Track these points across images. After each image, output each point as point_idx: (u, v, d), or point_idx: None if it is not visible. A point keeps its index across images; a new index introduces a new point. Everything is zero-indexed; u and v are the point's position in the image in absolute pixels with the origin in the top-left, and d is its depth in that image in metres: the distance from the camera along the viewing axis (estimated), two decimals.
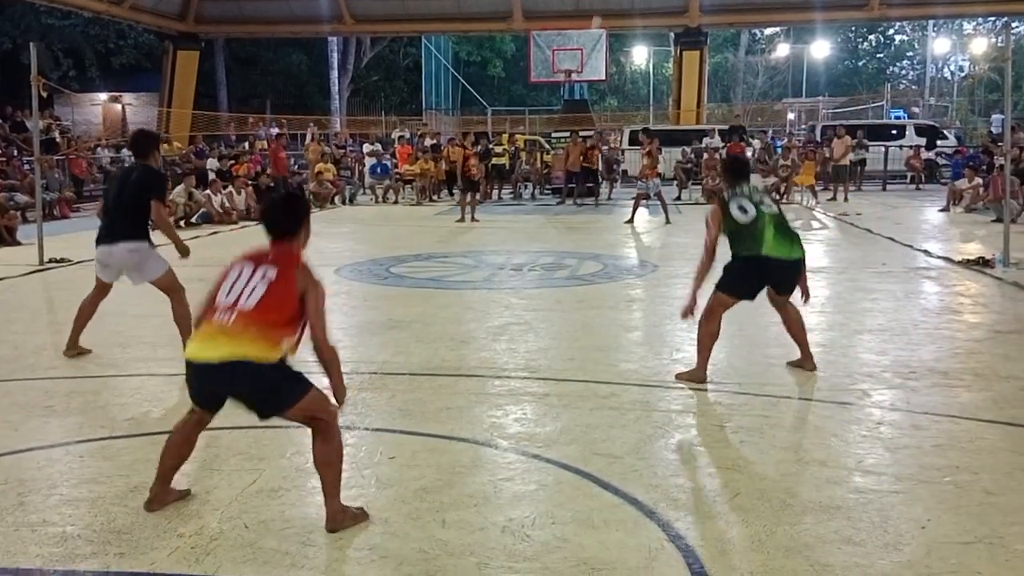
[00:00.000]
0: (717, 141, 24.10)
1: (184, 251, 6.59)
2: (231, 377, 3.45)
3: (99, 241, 6.39)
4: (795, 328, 5.92)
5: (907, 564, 3.25)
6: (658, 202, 16.54)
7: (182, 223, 16.03)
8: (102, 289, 6.57)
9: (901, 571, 3.20)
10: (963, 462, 4.25)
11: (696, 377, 5.70)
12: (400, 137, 27.10)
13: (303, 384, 3.56)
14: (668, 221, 15.94)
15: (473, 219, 16.49)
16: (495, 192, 23.09)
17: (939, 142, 26.80)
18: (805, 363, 5.91)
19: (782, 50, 49.85)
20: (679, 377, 5.78)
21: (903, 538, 3.46)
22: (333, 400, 3.67)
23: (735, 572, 3.21)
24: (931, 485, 3.98)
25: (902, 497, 3.86)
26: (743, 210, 5.69)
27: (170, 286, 6.43)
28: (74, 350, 6.52)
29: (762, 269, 5.67)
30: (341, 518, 3.56)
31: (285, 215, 3.87)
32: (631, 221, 16.10)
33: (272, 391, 3.50)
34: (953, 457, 4.32)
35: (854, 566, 3.23)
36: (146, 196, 6.22)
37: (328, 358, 3.64)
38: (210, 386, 3.57)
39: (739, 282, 5.73)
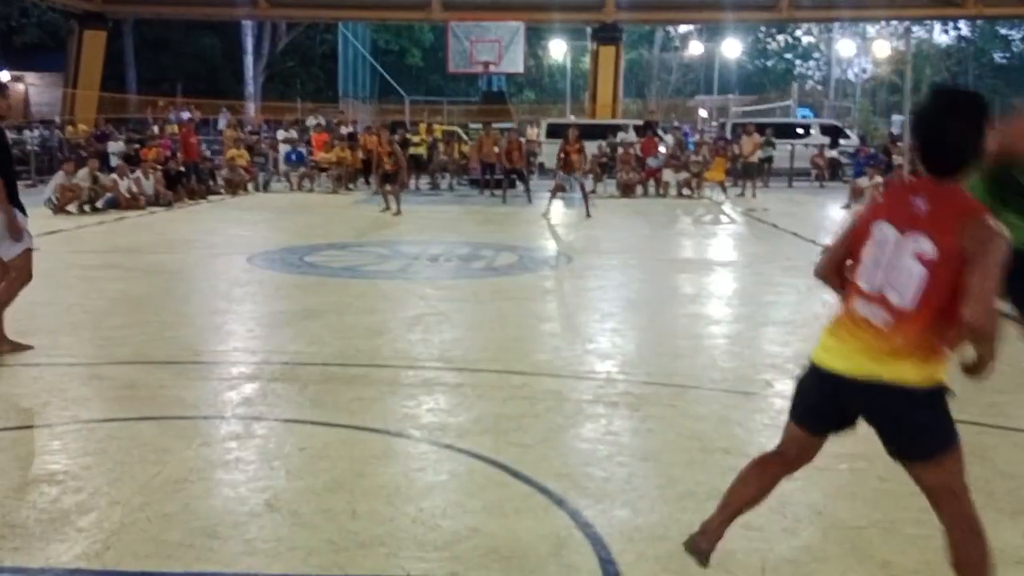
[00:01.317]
0: (632, 136, 24.43)
1: (16, 233, 5.90)
2: (871, 401, 2.55)
3: None
4: None
5: (804, 548, 3.37)
6: (580, 195, 16.69)
7: (86, 208, 15.51)
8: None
9: (799, 555, 3.32)
10: (859, 450, 4.38)
11: None
12: (316, 124, 26.71)
13: (953, 432, 2.56)
14: (588, 215, 16.10)
15: (396, 211, 16.18)
16: (413, 182, 22.95)
17: (842, 141, 27.69)
18: None
19: (695, 48, 50.71)
20: None
21: (801, 523, 3.58)
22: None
23: (642, 558, 3.28)
24: (828, 472, 4.12)
25: (800, 484, 3.97)
26: None
27: (18, 266, 5.92)
28: (7, 345, 5.95)
29: None
30: None
31: (956, 137, 2.50)
32: (547, 213, 16.24)
33: (923, 430, 2.54)
34: (849, 445, 4.41)
35: (754, 551, 3.33)
36: None
37: (985, 340, 2.46)
38: (835, 404, 2.65)
39: None
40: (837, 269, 2.72)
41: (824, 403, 2.68)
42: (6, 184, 5.82)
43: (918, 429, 2.53)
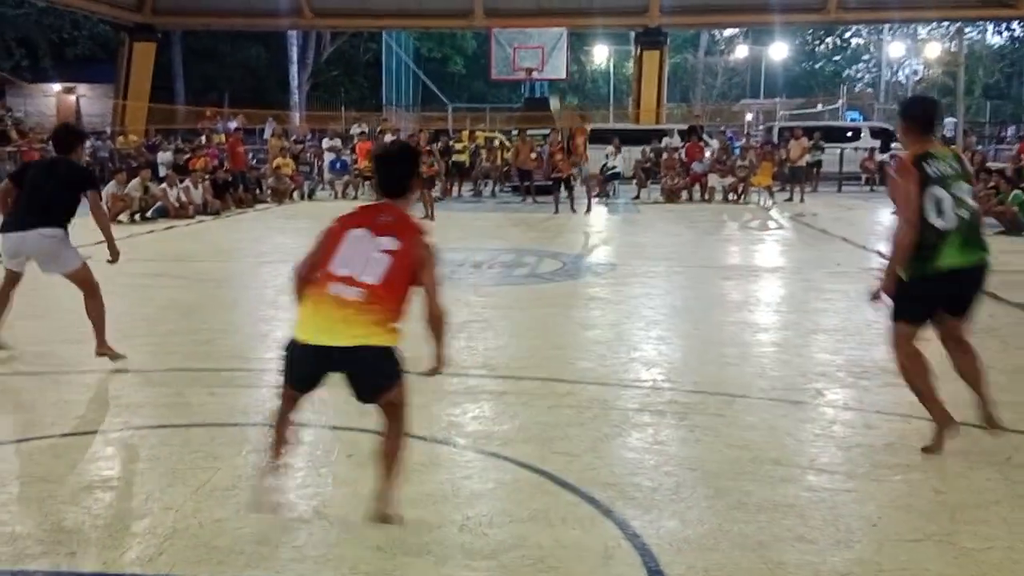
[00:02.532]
0: (676, 141, 24.29)
1: (115, 255, 6.33)
2: (353, 360, 3.39)
3: (7, 228, 6.07)
4: (972, 369, 4.55)
5: (858, 561, 3.31)
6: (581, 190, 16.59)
7: (137, 217, 15.80)
8: (12, 279, 6.29)
9: (852, 568, 3.26)
10: (914, 461, 4.33)
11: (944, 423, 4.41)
12: (360, 133, 26.93)
13: (401, 372, 3.53)
14: (573, 210, 16.31)
15: (431, 216, 16.35)
16: (455, 189, 23.06)
17: (893, 144, 27.26)
18: (989, 420, 4.53)
19: (741, 51, 50.30)
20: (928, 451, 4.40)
21: (854, 535, 3.51)
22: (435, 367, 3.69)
23: (691, 570, 3.24)
24: (882, 483, 4.05)
25: (854, 495, 3.92)
26: (939, 210, 4.22)
27: (85, 280, 6.10)
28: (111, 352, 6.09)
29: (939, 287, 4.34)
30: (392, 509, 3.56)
31: (401, 170, 3.69)
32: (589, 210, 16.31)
33: (385, 374, 3.49)
34: (904, 456, 4.40)
35: (806, 564, 3.28)
36: (77, 191, 6.00)
37: (443, 327, 3.64)
38: (325, 368, 3.46)
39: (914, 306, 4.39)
40: (312, 270, 3.52)
41: (312, 370, 3.48)
42: (67, 209, 6.03)
43: (383, 373, 3.48)
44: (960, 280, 4.29)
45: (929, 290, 4.29)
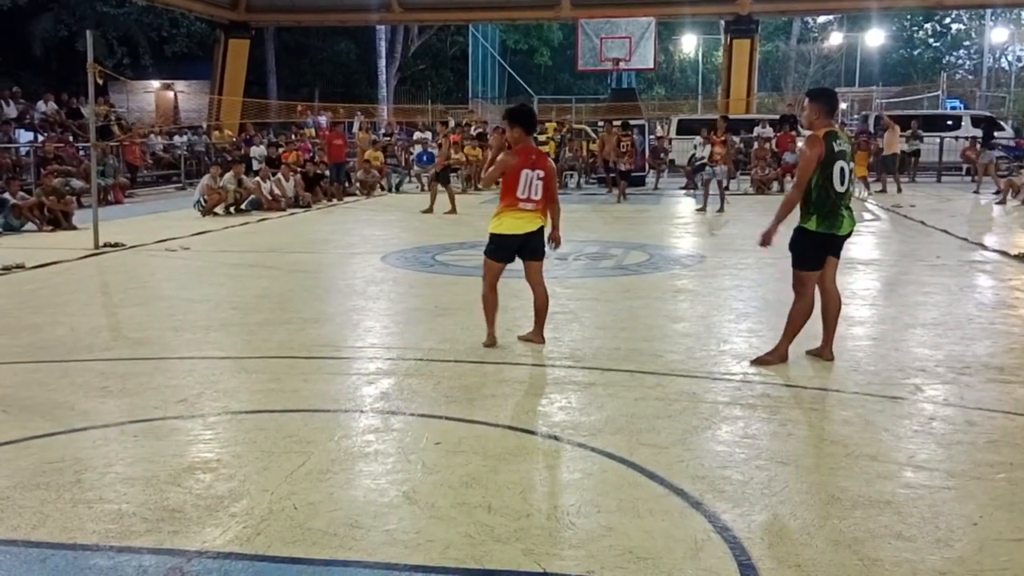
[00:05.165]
0: (768, 131, 23.80)
1: None
2: (534, 237, 6.17)
3: None
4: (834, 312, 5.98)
5: (958, 560, 3.21)
6: (715, 190, 16.64)
7: (232, 209, 16.26)
8: None
9: (951, 567, 3.16)
10: (1017, 459, 4.17)
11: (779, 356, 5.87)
12: (453, 126, 27.12)
13: (545, 246, 6.36)
14: (721, 209, 16.15)
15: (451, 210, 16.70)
16: None
17: (996, 133, 26.17)
18: (824, 351, 5.98)
19: (835, 39, 48.93)
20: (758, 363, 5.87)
21: (954, 534, 3.40)
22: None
23: (782, 565, 3.19)
24: (984, 481, 3.91)
25: (954, 493, 3.80)
26: (841, 179, 5.67)
27: None
28: None
29: (831, 245, 5.89)
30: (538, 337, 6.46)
31: (534, 120, 6.41)
32: (703, 208, 16.28)
33: (544, 245, 6.31)
34: (1007, 454, 4.24)
35: (904, 561, 3.19)
36: None
37: (559, 210, 6.44)
38: (518, 246, 6.21)
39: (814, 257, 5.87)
40: (493, 182, 6.35)
41: (513, 249, 6.23)
42: None
43: (543, 244, 6.26)
44: (845, 239, 5.87)
45: (827, 243, 5.80)
